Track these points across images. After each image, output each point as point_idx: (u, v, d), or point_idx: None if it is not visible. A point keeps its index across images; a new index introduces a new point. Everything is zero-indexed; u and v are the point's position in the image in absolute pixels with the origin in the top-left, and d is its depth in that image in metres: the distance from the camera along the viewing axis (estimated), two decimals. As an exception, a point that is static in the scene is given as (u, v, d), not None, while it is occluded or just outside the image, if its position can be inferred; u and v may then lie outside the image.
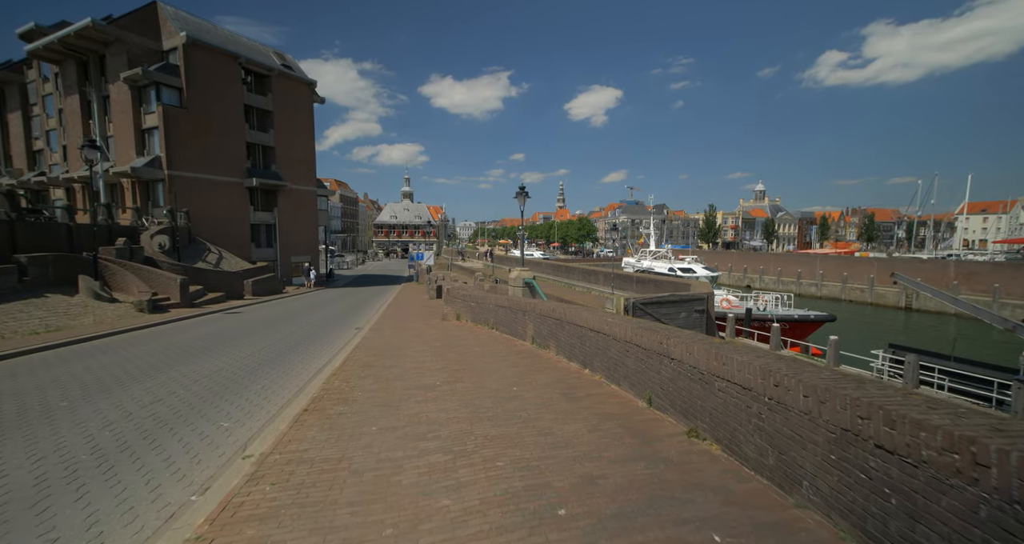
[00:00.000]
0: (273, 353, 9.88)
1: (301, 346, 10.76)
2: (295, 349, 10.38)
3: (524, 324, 9.67)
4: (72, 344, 10.34)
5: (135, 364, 8.67)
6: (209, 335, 12.04)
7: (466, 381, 6.61)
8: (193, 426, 5.45)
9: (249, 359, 9.23)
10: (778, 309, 26.21)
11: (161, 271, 17.00)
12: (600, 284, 29.62)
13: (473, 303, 12.35)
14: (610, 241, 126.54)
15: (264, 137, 34.49)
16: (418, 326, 13.04)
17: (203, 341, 11.13)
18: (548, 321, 8.41)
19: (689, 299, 16.46)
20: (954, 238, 77.55)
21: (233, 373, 8.11)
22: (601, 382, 6.23)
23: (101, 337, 11.17)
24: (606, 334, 6.14)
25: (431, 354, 8.80)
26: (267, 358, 9.39)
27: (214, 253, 27.23)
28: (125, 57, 28.72)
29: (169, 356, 9.42)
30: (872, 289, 43.59)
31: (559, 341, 8.01)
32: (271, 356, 9.58)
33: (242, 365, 8.72)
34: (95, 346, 10.34)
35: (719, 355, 3.88)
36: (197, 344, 10.76)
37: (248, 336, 11.99)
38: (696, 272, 34.30)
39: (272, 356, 9.57)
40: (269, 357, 9.49)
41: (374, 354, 9.01)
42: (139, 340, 11.18)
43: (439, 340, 10.42)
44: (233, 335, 12.08)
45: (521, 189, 14.42)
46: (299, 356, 9.65)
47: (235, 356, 9.50)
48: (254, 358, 9.35)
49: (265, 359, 9.28)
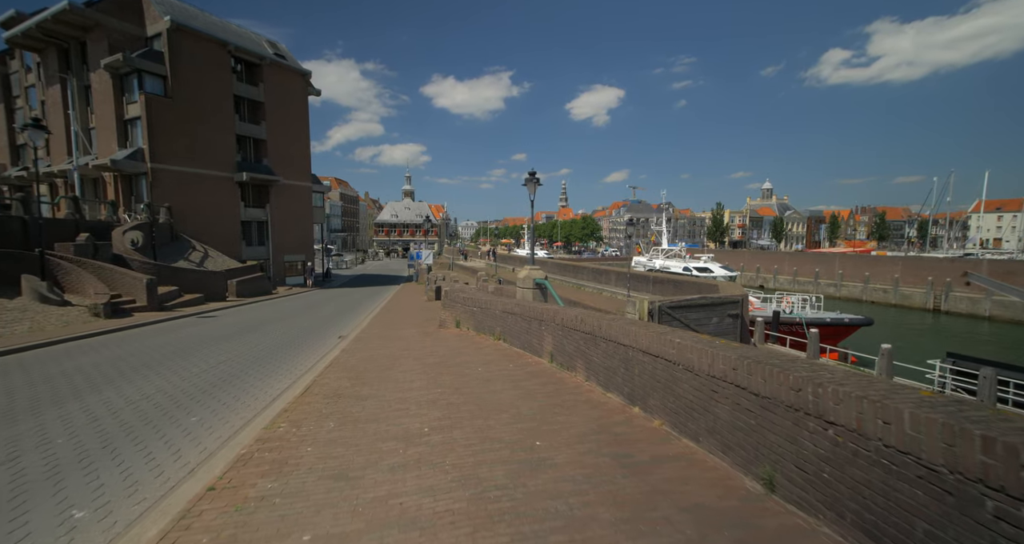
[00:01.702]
0: (223, 373, 7.89)
1: (263, 362, 8.78)
2: (254, 367, 8.39)
3: (540, 336, 7.67)
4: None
5: (37, 390, 6.72)
6: (160, 347, 10.09)
7: (465, 426, 4.63)
8: (33, 515, 3.48)
9: (188, 382, 7.25)
10: (806, 311, 24.13)
11: (126, 270, 15.12)
12: (612, 284, 27.58)
13: (476, 308, 10.39)
14: (614, 240, 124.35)
15: (255, 130, 32.66)
16: (411, 335, 11.08)
17: (147, 355, 9.17)
18: (574, 335, 6.42)
19: (721, 302, 14.42)
20: (975, 236, 75.05)
21: (154, 406, 6.14)
22: (665, 433, 4.22)
23: (23, 350, 9.24)
24: (672, 362, 4.15)
25: (422, 376, 6.82)
26: (212, 381, 7.40)
27: (198, 251, 25.36)
28: (106, 44, 26.95)
29: (89, 378, 7.46)
30: (897, 290, 41.33)
31: (590, 362, 6.02)
32: (219, 378, 7.60)
33: (174, 392, 6.74)
34: (6, 362, 8.40)
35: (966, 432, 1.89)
36: (136, 359, 8.80)
37: (206, 348, 10.02)
38: (713, 272, 32.25)
39: (220, 378, 7.58)
40: (215, 379, 7.50)
41: (350, 376, 7.03)
42: (71, 353, 9.24)
43: (434, 355, 8.44)
44: (188, 347, 10.13)
45: (531, 175, 12.42)
46: (254, 378, 7.65)
47: (173, 378, 7.53)
48: (196, 381, 7.36)
49: (209, 383, 7.28)
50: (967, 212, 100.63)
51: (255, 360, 8.94)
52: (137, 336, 11.46)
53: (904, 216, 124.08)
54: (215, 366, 8.35)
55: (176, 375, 7.69)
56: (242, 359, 8.97)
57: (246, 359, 8.98)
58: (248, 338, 11.42)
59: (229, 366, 8.36)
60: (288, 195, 34.69)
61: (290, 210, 34.97)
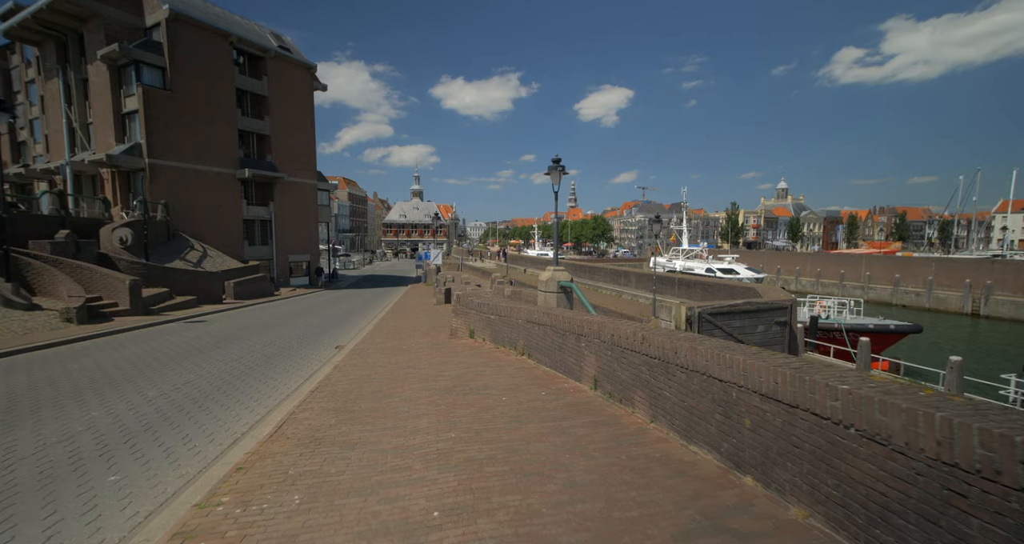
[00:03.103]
0: (181, 401, 6.32)
1: (235, 385, 7.23)
2: (222, 392, 6.84)
3: (578, 355, 6.06)
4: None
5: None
6: (122, 361, 8.61)
7: (495, 507, 3.05)
8: None
9: (133, 414, 5.70)
10: (845, 317, 22.22)
11: (109, 271, 13.80)
12: (632, 287, 25.86)
13: (493, 316, 8.83)
14: (625, 240, 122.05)
15: (259, 125, 31.45)
16: (418, 346, 9.54)
17: (98, 373, 7.64)
18: (631, 358, 4.80)
19: (768, 308, 12.69)
20: (1008, 237, 71.92)
21: (69, 454, 4.63)
22: (826, 538, 2.61)
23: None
24: (833, 421, 2.54)
25: (430, 409, 5.25)
26: (163, 412, 5.83)
27: (197, 251, 24.12)
28: (103, 34, 25.87)
29: (7, 406, 6.02)
30: (930, 293, 38.96)
31: (658, 398, 4.39)
32: (173, 407, 6.04)
33: (108, 429, 5.22)
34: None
35: None
36: (83, 379, 7.30)
37: (175, 363, 8.51)
38: (739, 273, 30.38)
39: (174, 408, 6.01)
40: (169, 409, 5.95)
41: (336, 408, 5.48)
42: (13, 368, 7.83)
43: (445, 375, 6.87)
44: (155, 361, 8.64)
45: (556, 163, 10.81)
46: (217, 408, 6.08)
47: (119, 406, 6.02)
48: (142, 412, 5.79)
49: (158, 415, 5.70)
50: (991, 212, 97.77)
51: (227, 381, 7.39)
52: (104, 346, 10.03)
53: (924, 216, 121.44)
54: (174, 390, 6.83)
55: (124, 402, 6.19)
56: (212, 379, 7.45)
57: (217, 379, 7.46)
58: (230, 349, 9.94)
59: (192, 390, 6.84)
60: (292, 193, 33.47)
61: (294, 208, 33.74)
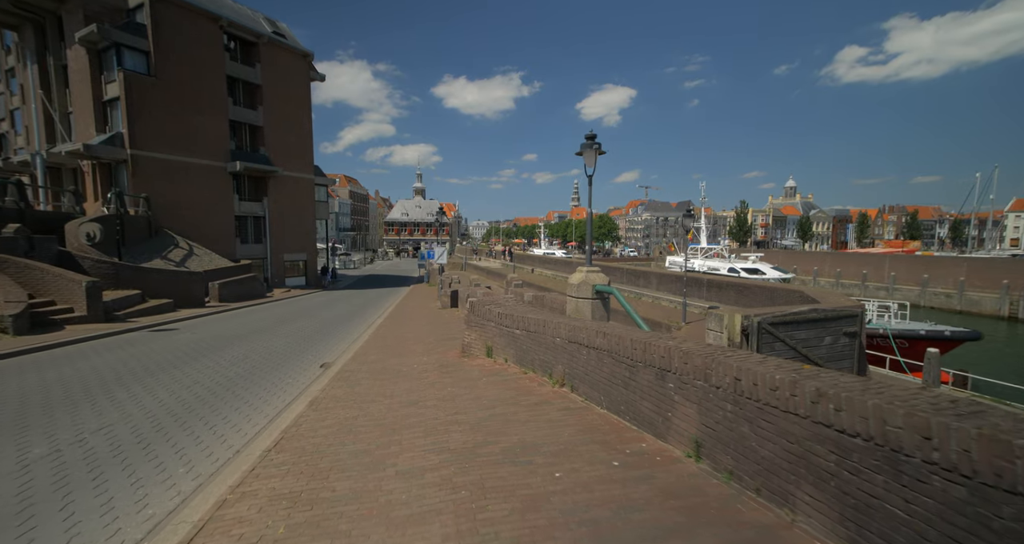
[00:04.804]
0: (61, 469, 4.43)
1: (158, 440, 5.08)
2: (126, 456, 4.68)
3: (660, 399, 4.10)
4: None
5: None
6: (15, 396, 6.68)
7: None
8: None
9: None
10: (890, 321, 20.14)
11: (62, 271, 11.92)
12: (653, 288, 23.83)
13: (519, 331, 6.90)
14: (631, 240, 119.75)
15: (251, 115, 29.55)
16: (421, 367, 7.61)
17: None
18: (779, 422, 2.84)
19: (835, 316, 10.68)
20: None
21: None
22: None
23: None
24: None
25: (441, 499, 3.30)
26: (22, 499, 3.97)
27: (182, 249, 22.25)
28: (82, 15, 23.98)
29: None
30: (962, 294, 36.85)
31: (865, 510, 2.45)
32: (37, 491, 4.16)
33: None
34: None
35: None
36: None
37: (93, 397, 6.42)
38: (765, 274, 28.40)
39: (37, 492, 4.13)
40: (35, 492, 4.08)
41: (296, 492, 3.52)
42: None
43: (460, 423, 4.92)
44: (68, 394, 6.66)
45: (590, 139, 8.85)
46: (90, 497, 4.11)
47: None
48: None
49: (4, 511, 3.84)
50: (1004, 211, 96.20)
51: (145, 434, 5.22)
52: (13, 369, 8.05)
53: (935, 215, 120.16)
54: (50, 456, 4.85)
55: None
56: (123, 431, 5.24)
57: (131, 431, 5.24)
58: (185, 370, 7.98)
59: (77, 454, 4.88)
60: (288, 188, 31.55)
61: (290, 204, 31.82)
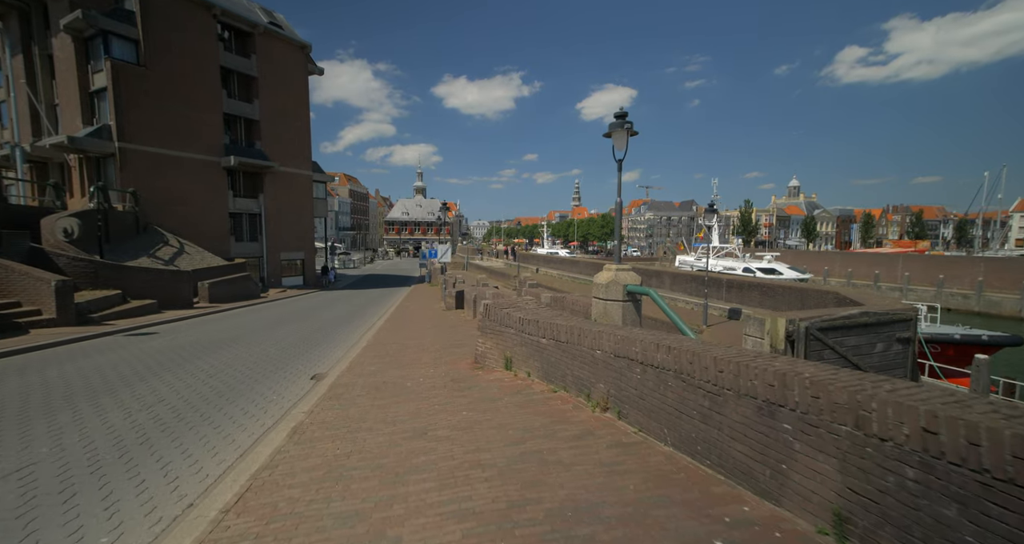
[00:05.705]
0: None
1: (98, 481, 4.00)
2: (27, 523, 3.75)
3: (774, 447, 2.96)
4: None
5: None
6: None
7: None
8: None
9: None
10: (922, 324, 18.94)
11: (29, 269, 10.79)
12: (667, 289, 22.65)
13: (545, 340, 5.75)
14: (634, 239, 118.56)
15: (247, 108, 28.40)
16: (429, 381, 6.48)
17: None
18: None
19: (889, 320, 9.56)
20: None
21: None
22: None
23: None
24: None
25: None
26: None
27: (171, 246, 21.11)
28: (68, 2, 22.86)
29: None
30: (980, 295, 35.72)
31: None
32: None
33: None
34: None
35: None
36: None
37: (31, 421, 5.42)
38: (782, 274, 27.28)
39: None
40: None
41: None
42: None
43: (484, 468, 3.77)
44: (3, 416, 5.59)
45: (620, 118, 7.71)
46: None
47: None
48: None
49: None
50: (1009, 211, 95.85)
51: (71, 479, 4.04)
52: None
53: (939, 215, 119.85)
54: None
55: None
56: (64, 465, 4.33)
57: (76, 464, 4.25)
58: (152, 384, 6.82)
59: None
60: (285, 184, 30.41)
61: (287, 201, 30.67)
